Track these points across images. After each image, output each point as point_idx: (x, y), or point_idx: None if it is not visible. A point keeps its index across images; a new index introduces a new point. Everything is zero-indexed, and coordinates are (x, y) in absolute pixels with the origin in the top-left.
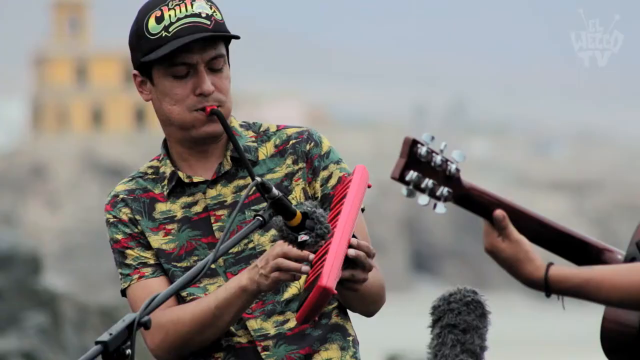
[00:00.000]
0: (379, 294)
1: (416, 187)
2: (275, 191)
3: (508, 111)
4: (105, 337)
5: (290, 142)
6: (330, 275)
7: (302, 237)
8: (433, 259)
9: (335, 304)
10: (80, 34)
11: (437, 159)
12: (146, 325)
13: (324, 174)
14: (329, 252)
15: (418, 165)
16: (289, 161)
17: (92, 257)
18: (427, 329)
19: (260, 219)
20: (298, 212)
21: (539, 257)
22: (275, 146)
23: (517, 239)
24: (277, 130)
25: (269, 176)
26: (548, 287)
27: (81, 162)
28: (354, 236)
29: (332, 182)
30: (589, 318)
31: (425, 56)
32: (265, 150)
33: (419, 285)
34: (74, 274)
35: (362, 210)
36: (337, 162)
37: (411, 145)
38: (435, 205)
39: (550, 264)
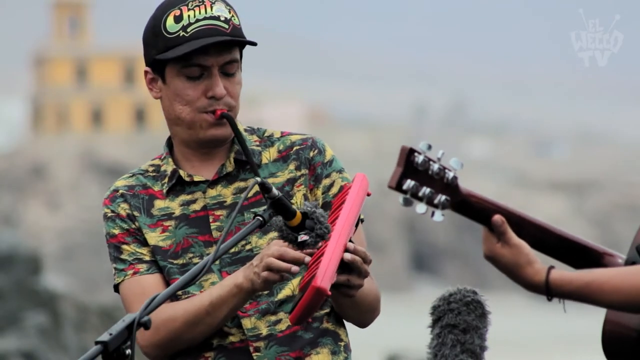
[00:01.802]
0: (374, 304)
1: (414, 195)
2: (275, 191)
3: (508, 111)
4: (105, 337)
5: (294, 149)
6: (325, 276)
7: (302, 237)
8: (433, 259)
9: (327, 310)
10: (80, 34)
11: (435, 167)
12: (146, 326)
13: (325, 182)
14: (325, 254)
15: (415, 174)
16: (291, 167)
17: (92, 257)
18: (427, 329)
19: (260, 219)
20: (298, 212)
21: (539, 261)
22: (279, 151)
23: (517, 244)
24: (281, 137)
25: (270, 180)
26: (550, 290)
27: (81, 162)
28: (351, 241)
29: (334, 190)
30: (588, 318)
31: (425, 56)
32: (269, 155)
33: (419, 285)
34: (74, 274)
35: (362, 221)
36: (340, 171)
37: (408, 154)
38: (433, 214)
39: (551, 267)
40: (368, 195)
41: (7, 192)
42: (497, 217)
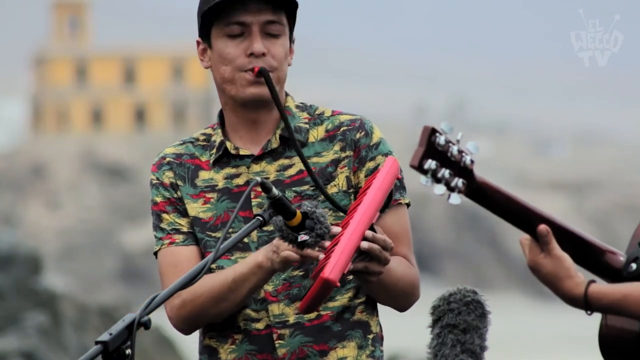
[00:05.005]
0: (409, 289)
1: (433, 176)
2: (275, 191)
3: (508, 111)
4: (105, 337)
5: (341, 129)
6: (335, 267)
7: (302, 237)
8: (433, 259)
9: (362, 299)
10: (80, 34)
11: (454, 149)
12: (146, 326)
13: (370, 164)
14: (339, 243)
15: (436, 155)
16: (336, 147)
17: (92, 257)
18: (427, 329)
19: (260, 218)
20: (298, 212)
21: (580, 275)
22: (327, 131)
23: (559, 255)
24: (331, 115)
25: (315, 159)
26: (588, 303)
27: (81, 162)
28: (372, 228)
29: None
30: (588, 318)
31: (425, 56)
32: (316, 134)
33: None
34: (74, 274)
35: (408, 205)
36: (386, 155)
37: (430, 134)
38: (449, 196)
39: (591, 281)
40: (398, 179)
41: (7, 192)
42: (543, 227)
